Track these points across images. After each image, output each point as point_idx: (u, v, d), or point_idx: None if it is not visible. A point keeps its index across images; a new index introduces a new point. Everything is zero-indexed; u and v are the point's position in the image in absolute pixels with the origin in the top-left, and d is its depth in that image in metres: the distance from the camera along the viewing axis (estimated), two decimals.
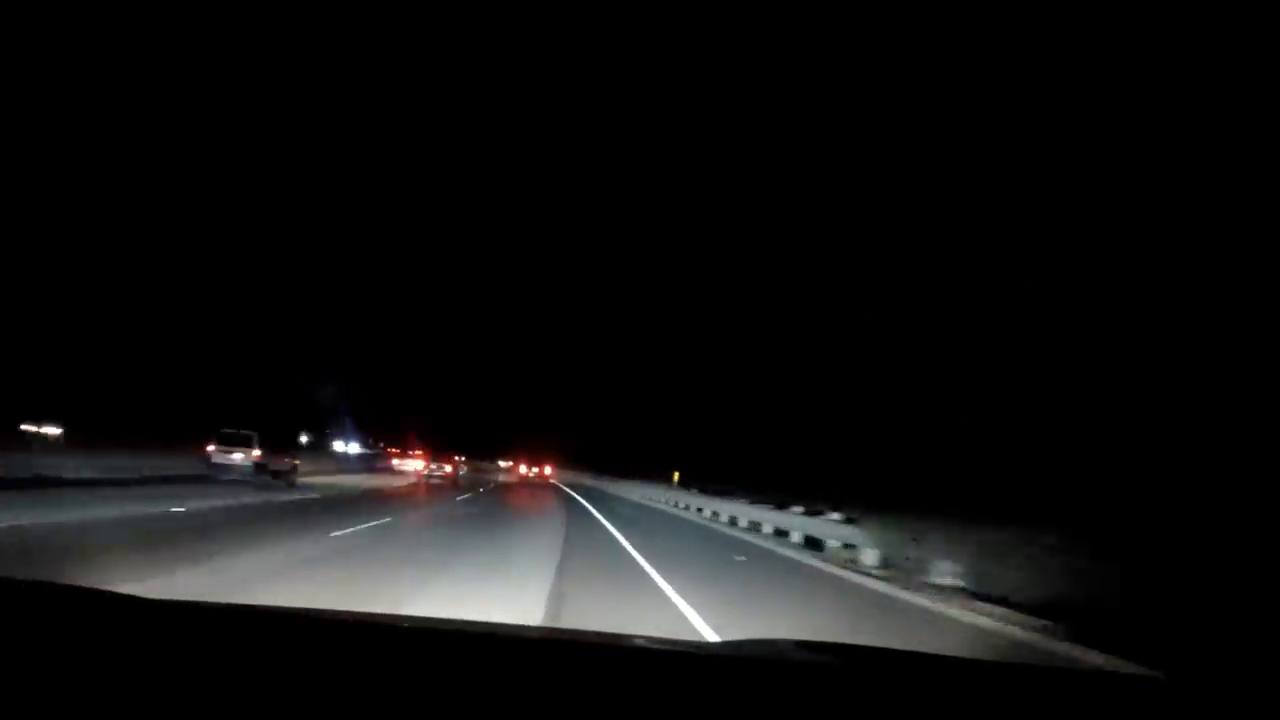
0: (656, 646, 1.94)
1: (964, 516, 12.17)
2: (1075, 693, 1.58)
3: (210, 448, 21.61)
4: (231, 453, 21.51)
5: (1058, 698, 1.50)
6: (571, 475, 67.88)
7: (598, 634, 2.06)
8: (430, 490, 31.09)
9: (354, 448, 54.16)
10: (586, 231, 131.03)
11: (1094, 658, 6.63)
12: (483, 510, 22.13)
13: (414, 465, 45.86)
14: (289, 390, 46.14)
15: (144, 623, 1.54)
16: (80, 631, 1.42)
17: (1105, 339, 19.13)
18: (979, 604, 8.80)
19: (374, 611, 1.89)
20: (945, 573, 10.18)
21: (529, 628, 2.28)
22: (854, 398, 31.58)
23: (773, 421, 41.26)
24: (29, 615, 1.48)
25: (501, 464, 75.84)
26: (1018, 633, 7.72)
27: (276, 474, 22.78)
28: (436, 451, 49.94)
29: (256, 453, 21.73)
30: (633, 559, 12.28)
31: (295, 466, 24.77)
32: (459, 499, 26.31)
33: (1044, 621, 7.76)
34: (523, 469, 71.11)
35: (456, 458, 52.84)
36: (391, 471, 44.57)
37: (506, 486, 43.75)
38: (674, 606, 8.04)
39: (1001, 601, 8.72)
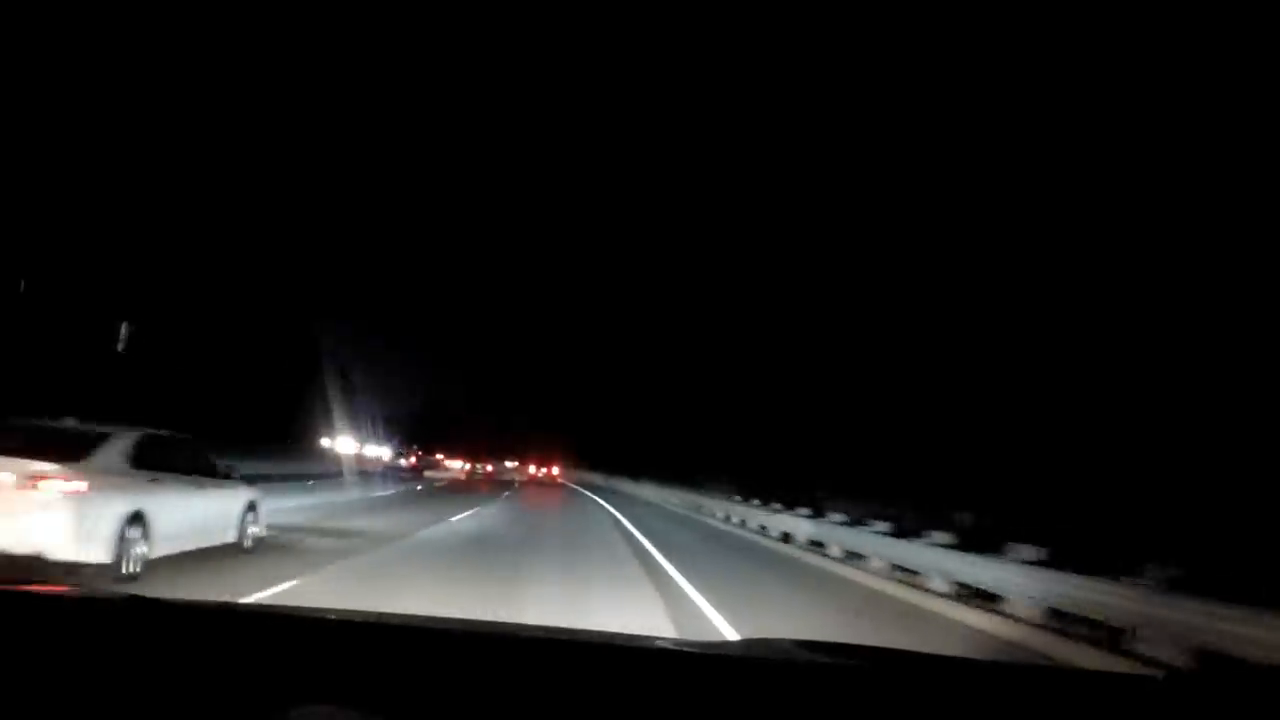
0: (660, 646, 1.97)
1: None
2: (1075, 693, 1.62)
3: (384, 457, 36.14)
4: (398, 460, 36.12)
5: (1058, 698, 1.54)
6: (577, 475, 70.21)
7: (600, 634, 2.09)
8: (484, 484, 43.78)
9: (386, 453, 61.06)
10: (587, 228, 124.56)
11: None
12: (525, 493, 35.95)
13: (457, 465, 60.89)
14: (320, 399, 45.45)
15: (144, 623, 1.57)
16: (80, 631, 1.46)
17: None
18: None
19: (379, 611, 1.98)
20: None
21: (531, 627, 2.21)
22: (864, 392, 29.44)
23: (780, 419, 38.91)
24: (29, 616, 1.52)
25: (507, 464, 78.13)
26: None
27: (418, 472, 37.55)
28: (475, 455, 65.09)
29: (413, 460, 36.50)
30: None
31: (423, 469, 39.66)
32: (505, 495, 33.85)
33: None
34: (532, 469, 76.96)
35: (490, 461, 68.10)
36: (442, 468, 59.51)
37: (525, 483, 52.48)
38: None
39: None
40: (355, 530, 13.08)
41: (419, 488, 31.26)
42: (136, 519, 7.26)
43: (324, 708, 1.21)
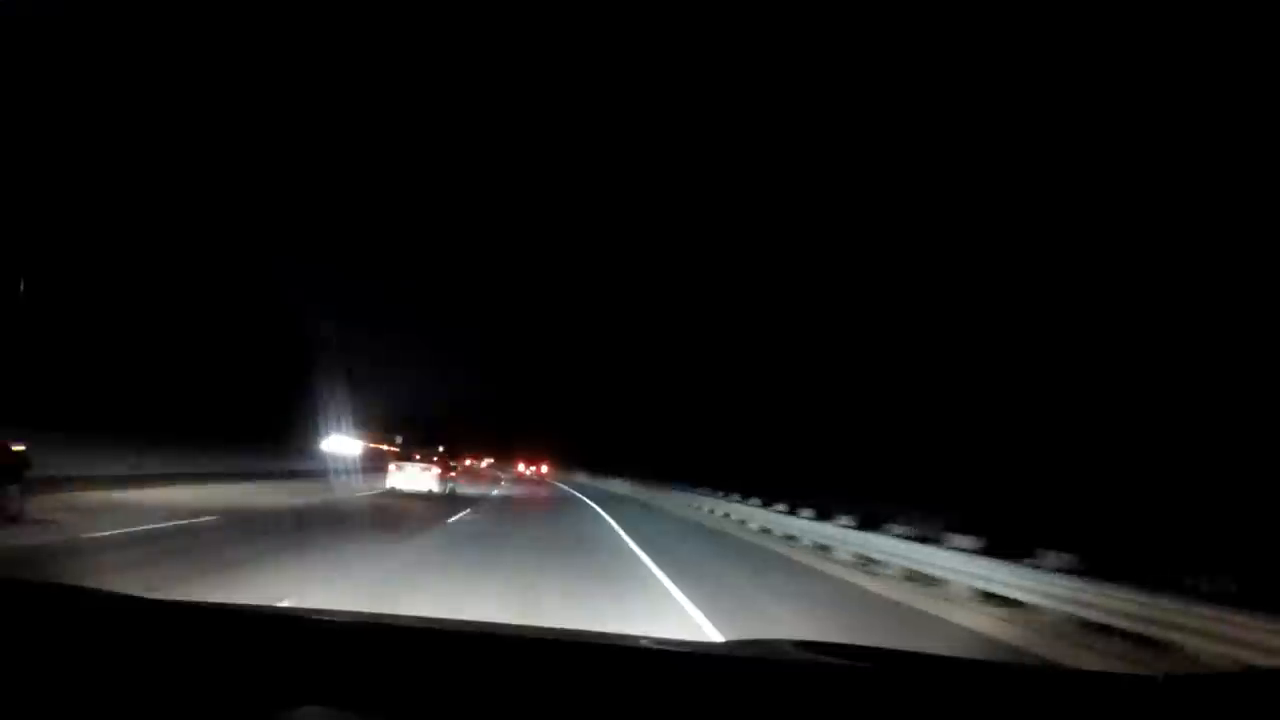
0: (658, 646, 1.99)
1: None
2: (1075, 693, 1.63)
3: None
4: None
5: (1058, 698, 1.55)
6: (564, 474, 73.49)
7: (598, 634, 2.11)
8: (484, 477, 59.68)
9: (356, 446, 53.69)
10: (582, 227, 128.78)
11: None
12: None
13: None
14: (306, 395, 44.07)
15: (144, 623, 1.59)
16: (80, 631, 1.48)
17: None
18: None
19: (375, 612, 2.07)
20: None
21: (529, 627, 2.23)
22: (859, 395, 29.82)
23: (771, 421, 39.48)
24: (29, 615, 1.53)
25: (483, 463, 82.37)
26: None
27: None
28: (470, 454, 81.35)
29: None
30: None
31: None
32: (504, 479, 55.46)
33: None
34: (520, 467, 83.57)
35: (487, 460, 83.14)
36: None
37: (515, 480, 59.58)
38: None
39: None
40: (467, 492, 31.20)
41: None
42: (445, 482, 25.97)
43: (322, 709, 1.23)
